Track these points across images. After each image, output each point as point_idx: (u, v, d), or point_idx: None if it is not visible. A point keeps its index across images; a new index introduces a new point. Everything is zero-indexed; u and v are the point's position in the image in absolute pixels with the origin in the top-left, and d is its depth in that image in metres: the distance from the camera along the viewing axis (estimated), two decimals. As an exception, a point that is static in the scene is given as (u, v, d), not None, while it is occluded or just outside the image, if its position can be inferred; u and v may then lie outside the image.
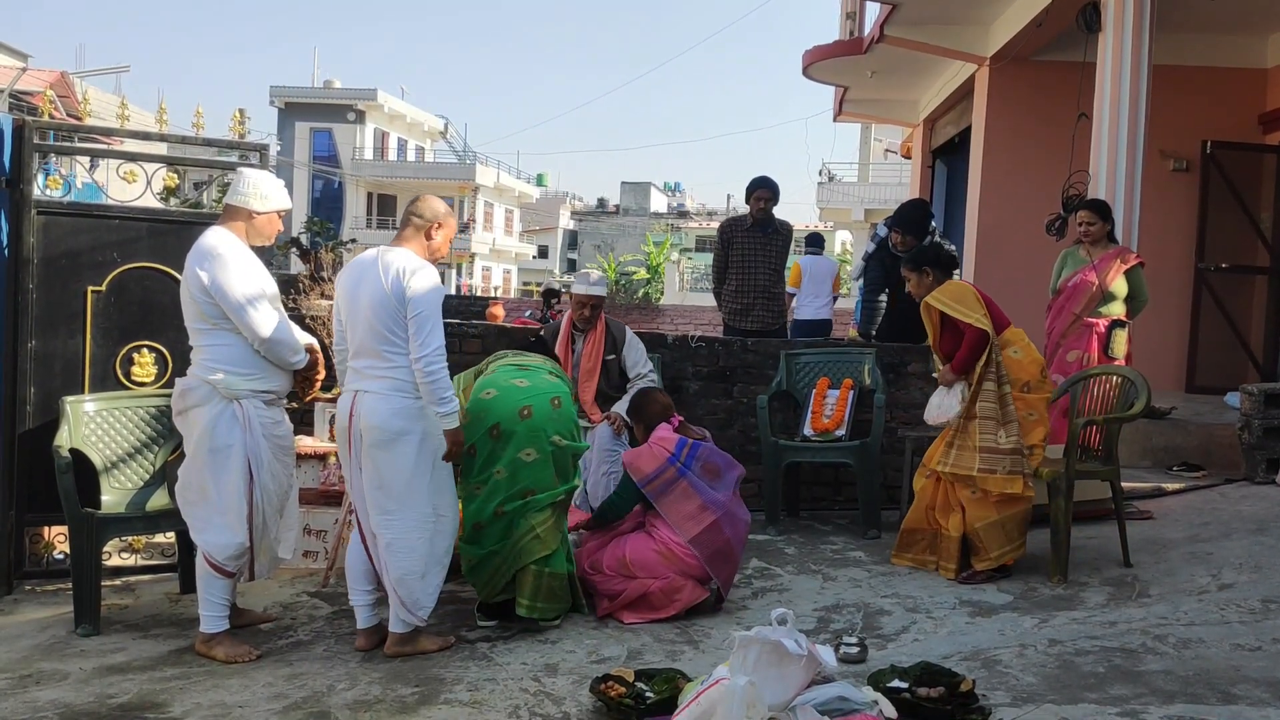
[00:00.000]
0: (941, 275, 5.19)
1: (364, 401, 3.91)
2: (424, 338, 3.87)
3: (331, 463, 5.34)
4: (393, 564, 3.93)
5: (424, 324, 3.88)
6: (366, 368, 3.95)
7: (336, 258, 6.62)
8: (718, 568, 4.45)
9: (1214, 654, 3.83)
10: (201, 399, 4.03)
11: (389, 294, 3.88)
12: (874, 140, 34.83)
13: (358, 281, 3.98)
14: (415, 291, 3.89)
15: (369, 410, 3.89)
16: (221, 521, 4.02)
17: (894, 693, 3.32)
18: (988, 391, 4.92)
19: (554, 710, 3.45)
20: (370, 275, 3.95)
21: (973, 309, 5.00)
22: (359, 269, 4.02)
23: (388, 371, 3.91)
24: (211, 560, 4.03)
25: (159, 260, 5.09)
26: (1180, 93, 8.63)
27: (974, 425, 4.92)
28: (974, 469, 4.83)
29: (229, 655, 3.97)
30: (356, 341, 3.98)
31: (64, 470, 4.30)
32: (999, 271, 9.01)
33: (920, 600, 4.64)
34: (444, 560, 4.05)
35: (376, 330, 3.90)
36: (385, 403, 3.89)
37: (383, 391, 3.90)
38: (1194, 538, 5.42)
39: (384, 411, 3.88)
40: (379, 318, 3.89)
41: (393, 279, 3.90)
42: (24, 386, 4.83)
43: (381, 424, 3.88)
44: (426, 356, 3.86)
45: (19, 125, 4.88)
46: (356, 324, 3.96)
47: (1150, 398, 5.23)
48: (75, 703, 3.56)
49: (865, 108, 13.63)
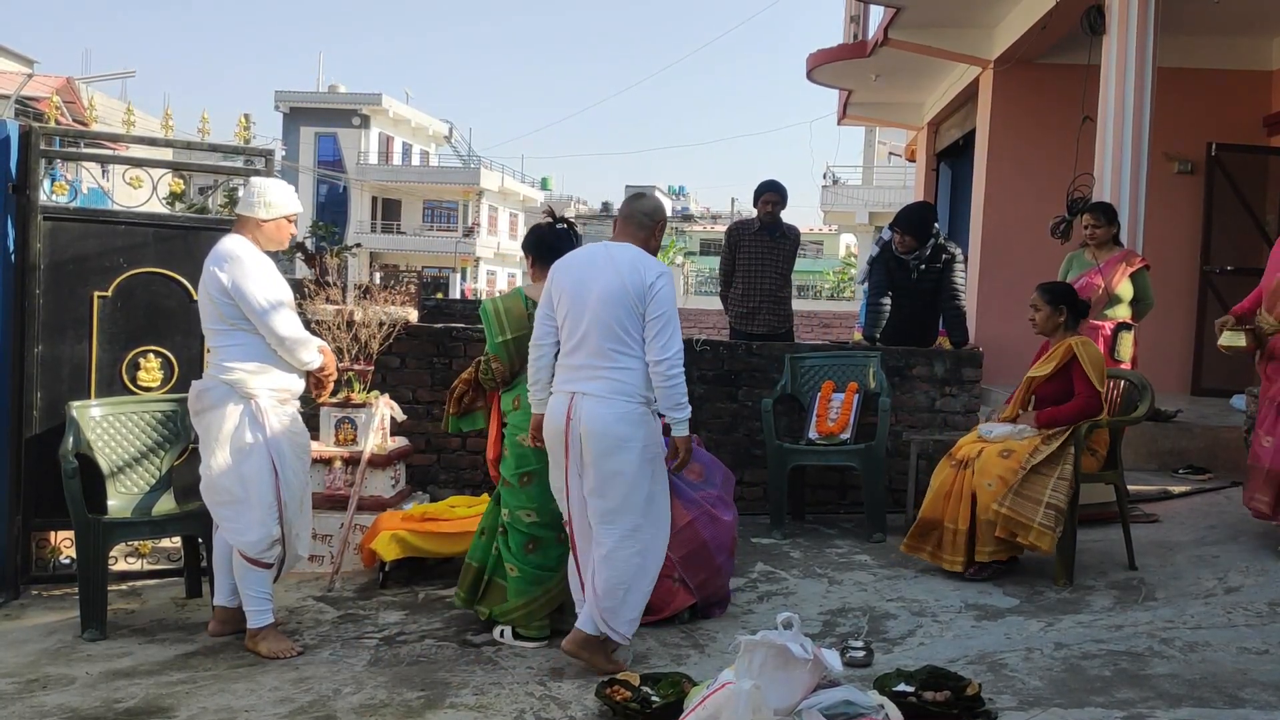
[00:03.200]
0: (1073, 321, 5.21)
1: (584, 405, 3.74)
2: (666, 340, 3.74)
3: (337, 467, 5.35)
4: (606, 573, 3.77)
5: (667, 326, 3.75)
6: (586, 366, 3.77)
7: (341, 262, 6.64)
8: (691, 570, 4.38)
9: (1221, 657, 3.82)
10: (219, 399, 4.07)
11: (628, 290, 3.74)
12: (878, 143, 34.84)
13: (586, 275, 3.81)
14: (660, 291, 3.76)
15: (591, 416, 3.73)
16: (252, 516, 4.07)
17: (900, 697, 3.32)
18: (1069, 455, 4.85)
19: (559, 714, 3.46)
20: (603, 269, 3.79)
21: (1101, 381, 5.02)
22: (584, 261, 3.87)
23: (611, 373, 3.75)
24: (247, 555, 4.08)
25: (165, 265, 5.11)
26: (1185, 95, 8.62)
27: (1046, 482, 4.77)
28: (1034, 521, 4.71)
29: (272, 650, 4.03)
30: (578, 337, 3.78)
31: (71, 475, 4.32)
32: (1003, 274, 9.00)
33: (926, 604, 4.63)
34: (653, 576, 3.89)
35: (609, 327, 3.74)
36: (608, 408, 3.74)
37: (604, 395, 3.74)
38: (1200, 541, 5.41)
39: (607, 417, 3.73)
40: (613, 314, 3.74)
41: (633, 275, 3.76)
42: (31, 392, 4.85)
43: (604, 430, 3.72)
44: (670, 359, 3.73)
45: (25, 131, 4.90)
46: (581, 319, 3.77)
47: (1154, 400, 5.23)
48: (81, 707, 3.57)
49: (869, 111, 13.63)
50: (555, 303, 3.88)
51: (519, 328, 4.17)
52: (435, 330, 6.62)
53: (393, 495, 5.45)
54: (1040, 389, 5.15)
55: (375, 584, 5.00)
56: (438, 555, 5.02)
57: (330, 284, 6.20)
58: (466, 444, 6.43)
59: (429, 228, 48.10)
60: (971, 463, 4.96)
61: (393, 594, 4.89)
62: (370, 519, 5.19)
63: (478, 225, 47.46)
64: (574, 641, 3.80)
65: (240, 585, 4.14)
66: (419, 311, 9.56)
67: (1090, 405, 4.95)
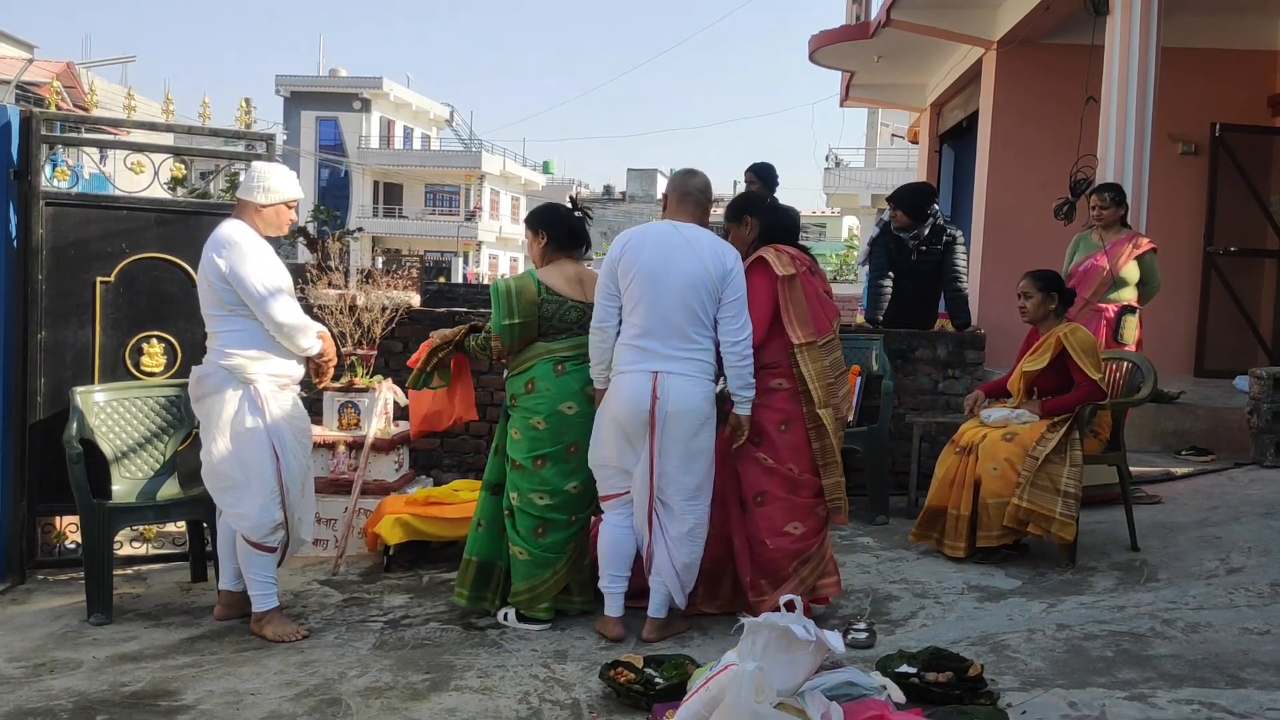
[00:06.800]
0: (1063, 308, 5.19)
1: (672, 384, 3.83)
2: (741, 321, 3.89)
3: (340, 452, 5.36)
4: (687, 549, 3.92)
5: (742, 307, 3.89)
6: (666, 347, 3.85)
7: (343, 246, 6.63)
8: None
9: (1222, 638, 3.83)
10: (218, 385, 4.08)
11: (710, 273, 3.84)
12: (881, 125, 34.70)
13: (665, 257, 3.87)
14: (736, 275, 3.90)
15: (681, 394, 3.83)
16: (254, 501, 4.08)
17: (902, 678, 3.33)
18: (1074, 440, 4.86)
19: (564, 696, 3.47)
20: (683, 252, 3.86)
21: (1097, 365, 4.99)
22: (658, 243, 3.92)
23: (694, 353, 3.87)
24: (250, 540, 4.09)
25: (167, 250, 5.11)
26: (1189, 75, 8.56)
27: (1060, 470, 4.78)
28: (1056, 511, 4.73)
29: (277, 634, 4.05)
30: (658, 318, 3.84)
31: (75, 461, 4.33)
32: (1007, 256, 8.95)
33: (928, 585, 4.64)
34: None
35: (690, 308, 3.83)
36: (696, 386, 3.87)
37: (690, 374, 3.86)
38: (1202, 522, 5.42)
39: (697, 396, 3.86)
40: (695, 295, 3.83)
41: (714, 259, 3.87)
42: (34, 377, 4.86)
43: (695, 408, 3.85)
44: (745, 340, 3.88)
45: (26, 117, 4.89)
46: (660, 300, 3.83)
47: (1157, 382, 5.22)
48: (89, 691, 3.59)
49: (872, 92, 13.55)
50: (622, 284, 3.92)
51: (527, 313, 4.17)
52: (438, 314, 6.62)
53: (396, 479, 5.47)
54: (1037, 381, 5.14)
55: (380, 568, 5.02)
56: (441, 539, 5.04)
57: (332, 269, 6.20)
58: (470, 428, 6.44)
59: (431, 212, 48.03)
60: (975, 448, 4.96)
61: (397, 577, 4.91)
62: (374, 503, 5.21)
63: (479, 209, 47.38)
64: (654, 629, 3.95)
65: (244, 569, 4.16)
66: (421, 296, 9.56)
67: (1092, 394, 4.94)
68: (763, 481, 4.09)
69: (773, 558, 4.06)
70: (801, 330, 4.06)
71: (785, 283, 4.06)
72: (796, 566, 4.06)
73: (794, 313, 4.07)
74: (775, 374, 4.07)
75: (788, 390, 4.09)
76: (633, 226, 4.21)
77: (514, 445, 4.21)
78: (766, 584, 4.05)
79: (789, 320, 4.06)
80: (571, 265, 4.29)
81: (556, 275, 4.22)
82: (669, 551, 3.91)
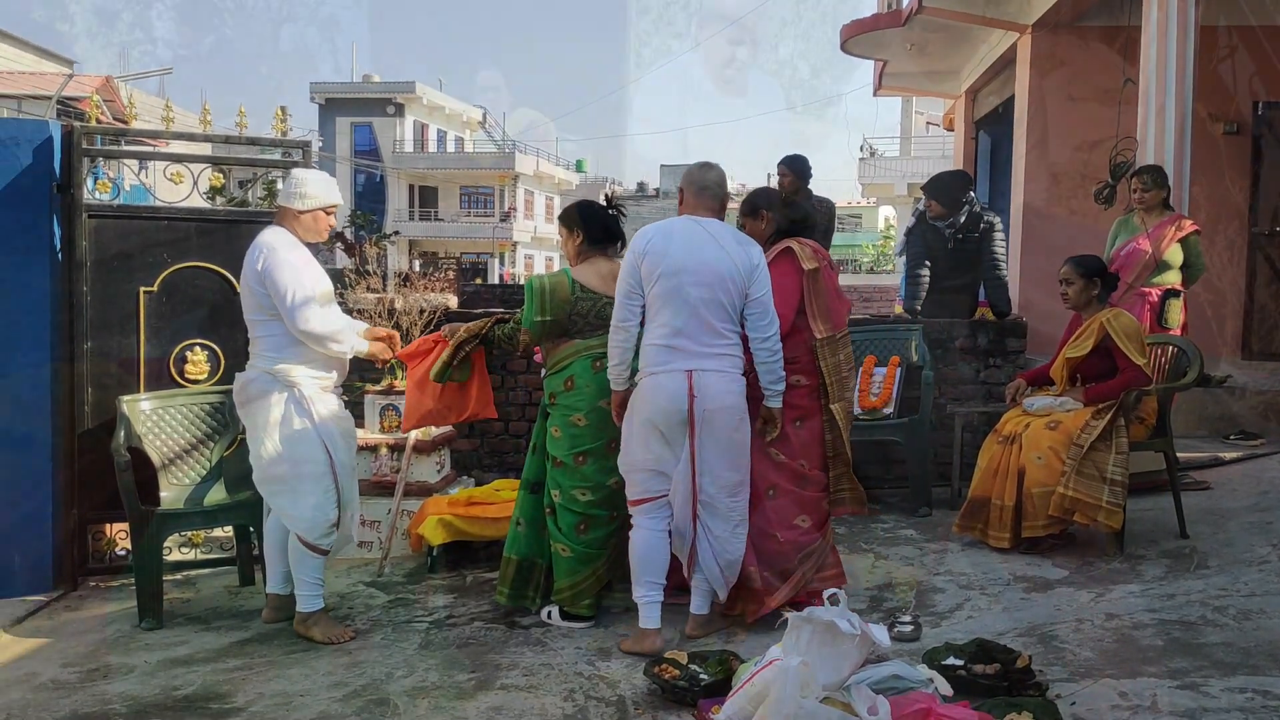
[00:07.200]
0: (1105, 294, 5.11)
1: (709, 380, 3.81)
2: (770, 317, 3.87)
3: (383, 454, 5.40)
4: (732, 546, 3.92)
5: (770, 304, 3.88)
6: (698, 344, 3.82)
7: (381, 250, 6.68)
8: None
9: (1275, 625, 3.77)
10: (263, 389, 4.13)
11: (738, 268, 3.82)
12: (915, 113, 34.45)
13: (691, 253, 3.83)
14: (762, 270, 3.89)
15: (720, 392, 3.82)
16: (309, 501, 4.12)
17: (949, 670, 3.31)
18: (1120, 427, 4.80)
19: (609, 693, 3.48)
20: (707, 246, 3.84)
21: (1141, 350, 4.92)
22: (684, 239, 3.88)
23: (727, 349, 3.86)
24: (305, 540, 4.13)
25: (208, 259, 5.17)
26: (1229, 53, 8.42)
27: (1106, 458, 4.72)
28: (1102, 500, 4.68)
29: (325, 635, 4.09)
30: (686, 315, 3.81)
31: (124, 469, 4.40)
32: (1045, 241, 8.86)
33: (973, 577, 4.61)
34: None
35: (720, 304, 3.82)
36: (733, 383, 3.86)
37: (727, 370, 3.85)
38: (1253, 507, 5.33)
39: (734, 393, 3.86)
40: (725, 292, 3.81)
41: (740, 254, 3.86)
42: (82, 387, 4.94)
43: (734, 405, 3.85)
44: (773, 335, 3.87)
45: (68, 131, 4.97)
46: (690, 297, 3.80)
47: (1203, 366, 5.14)
48: (142, 695, 3.65)
49: (905, 81, 13.45)
50: (647, 282, 3.87)
51: (558, 312, 4.18)
52: (475, 316, 6.64)
53: (438, 480, 5.50)
54: (1081, 368, 5.07)
55: (424, 568, 5.06)
56: (484, 539, 5.06)
57: (370, 273, 6.25)
58: (510, 428, 6.46)
59: (466, 214, 48.26)
60: (1018, 437, 4.91)
61: (441, 578, 4.95)
62: (417, 504, 5.25)
63: (514, 210, 47.53)
64: (696, 625, 3.97)
65: (295, 570, 4.20)
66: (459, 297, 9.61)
67: (1136, 379, 4.86)
68: (773, 475, 4.08)
69: (782, 550, 4.05)
70: (824, 324, 4.07)
71: (810, 276, 4.07)
72: (800, 560, 4.06)
73: (817, 307, 4.08)
74: (794, 369, 4.06)
75: (806, 387, 4.10)
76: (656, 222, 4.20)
77: (554, 443, 4.22)
78: (772, 576, 4.05)
79: (813, 314, 4.06)
80: (606, 262, 4.30)
81: (591, 272, 4.24)
82: (713, 550, 3.90)
